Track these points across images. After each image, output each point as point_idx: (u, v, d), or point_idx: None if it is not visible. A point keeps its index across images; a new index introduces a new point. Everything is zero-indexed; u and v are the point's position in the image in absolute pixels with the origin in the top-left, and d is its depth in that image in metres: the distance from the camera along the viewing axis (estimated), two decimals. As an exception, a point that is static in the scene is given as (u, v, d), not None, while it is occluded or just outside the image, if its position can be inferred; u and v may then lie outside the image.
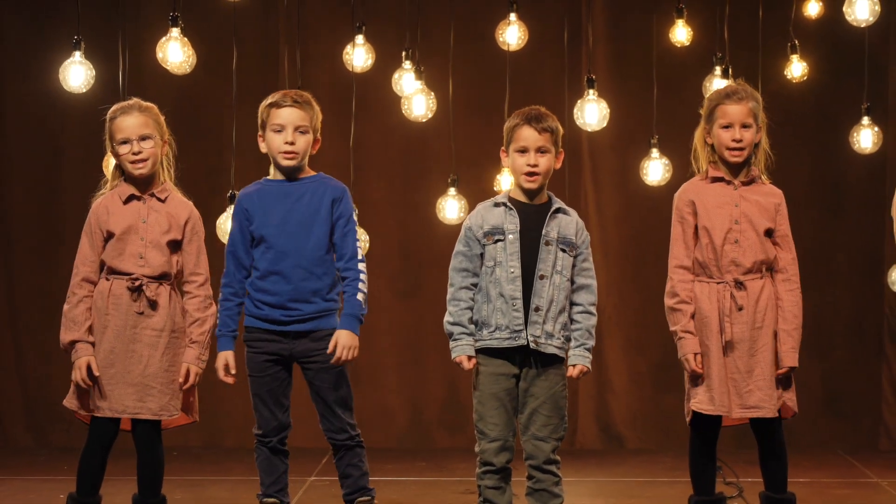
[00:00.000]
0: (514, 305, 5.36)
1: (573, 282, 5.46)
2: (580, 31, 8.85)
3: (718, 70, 7.83)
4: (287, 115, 5.54)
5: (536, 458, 5.42)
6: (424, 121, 7.88)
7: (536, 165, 5.43)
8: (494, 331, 5.39)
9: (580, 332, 5.44)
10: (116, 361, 5.39)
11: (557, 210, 5.47)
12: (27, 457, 8.53)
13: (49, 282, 8.77)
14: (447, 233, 7.62)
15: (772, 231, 5.49)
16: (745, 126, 5.48)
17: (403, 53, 8.02)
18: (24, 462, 8.32)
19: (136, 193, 5.50)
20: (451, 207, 7.85)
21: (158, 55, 7.25)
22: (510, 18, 7.77)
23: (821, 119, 8.91)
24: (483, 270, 5.44)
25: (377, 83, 8.28)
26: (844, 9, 7.63)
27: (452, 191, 7.86)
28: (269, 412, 5.56)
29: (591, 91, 7.70)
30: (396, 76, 8.04)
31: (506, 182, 7.52)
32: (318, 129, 5.63)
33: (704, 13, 8.48)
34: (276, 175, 5.64)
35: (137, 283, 5.41)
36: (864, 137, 8.01)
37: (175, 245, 5.52)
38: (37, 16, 8.96)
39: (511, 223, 5.41)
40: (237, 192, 7.48)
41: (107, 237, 5.46)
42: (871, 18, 7.60)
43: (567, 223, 5.47)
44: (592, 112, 7.69)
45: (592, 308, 5.48)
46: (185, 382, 5.46)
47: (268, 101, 5.60)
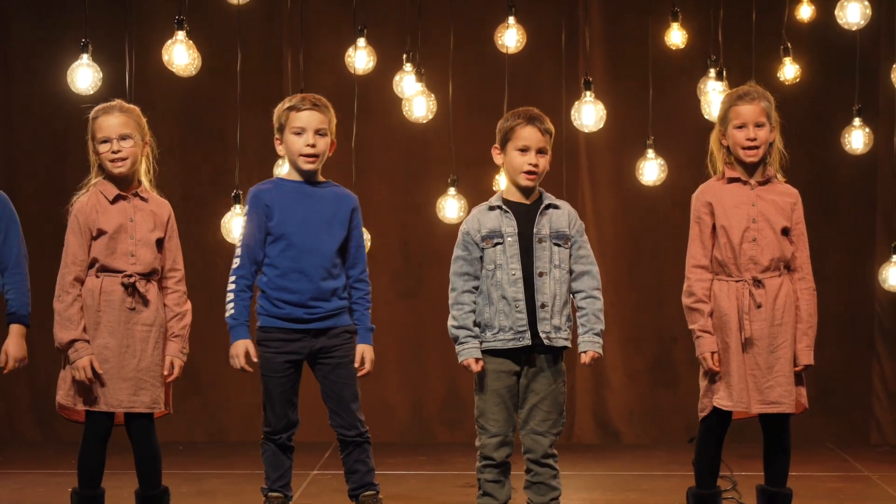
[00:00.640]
0: (518, 307, 5.36)
1: (572, 271, 5.46)
2: (577, 35, 8.85)
3: (713, 72, 7.82)
4: (307, 118, 5.52)
5: (535, 453, 5.43)
6: (425, 122, 7.88)
7: (537, 165, 5.44)
8: (498, 332, 5.39)
9: (587, 318, 5.42)
10: (111, 357, 5.39)
11: (547, 206, 5.47)
12: (35, 451, 8.53)
13: (54, 279, 8.74)
14: (447, 232, 7.61)
15: (788, 229, 5.50)
16: (759, 125, 5.47)
17: (404, 56, 8.01)
18: (33, 456, 8.32)
19: (122, 193, 5.50)
20: (452, 207, 7.85)
21: (164, 58, 7.25)
22: (509, 22, 7.76)
23: (813, 120, 8.90)
24: (483, 273, 5.44)
25: (378, 85, 8.28)
26: (836, 12, 7.62)
27: (452, 191, 7.86)
28: (282, 411, 5.55)
29: (588, 93, 7.70)
30: (397, 78, 8.03)
31: (504, 182, 7.51)
32: (334, 132, 5.63)
33: (699, 16, 8.47)
34: (292, 176, 5.62)
35: (131, 281, 5.41)
36: (856, 138, 8.00)
37: (160, 243, 5.52)
38: (45, 19, 8.95)
39: (509, 226, 5.41)
40: (242, 192, 7.55)
41: (95, 236, 5.45)
42: (862, 22, 7.59)
43: (558, 216, 5.46)
44: (589, 113, 7.69)
45: (596, 292, 5.46)
46: (170, 375, 5.47)
47: (286, 105, 5.57)
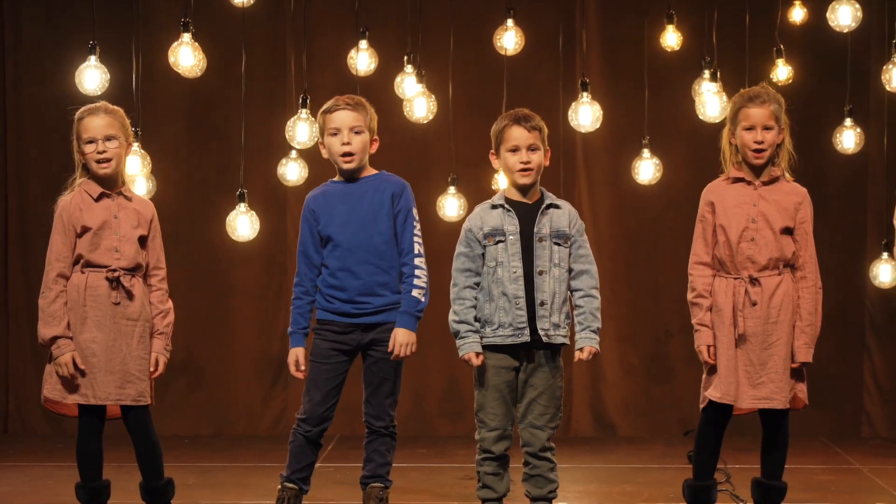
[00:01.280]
0: (518, 304, 5.37)
1: (571, 269, 5.47)
2: (575, 37, 8.84)
3: (707, 73, 7.84)
4: (341, 118, 5.58)
5: (533, 446, 5.44)
6: (425, 122, 7.88)
7: (529, 162, 5.45)
8: (497, 328, 5.40)
9: (584, 316, 5.44)
10: (98, 351, 5.42)
11: (548, 206, 5.48)
12: (44, 444, 8.52)
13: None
14: (447, 230, 7.62)
15: (791, 229, 5.49)
16: (767, 128, 5.48)
17: (405, 57, 8.01)
18: (42, 449, 8.32)
19: (107, 192, 5.51)
20: (452, 205, 7.86)
21: (171, 59, 7.26)
22: (508, 24, 7.76)
23: (805, 120, 8.85)
24: (485, 270, 5.45)
25: (380, 86, 8.27)
26: (828, 15, 7.63)
27: (452, 189, 7.87)
28: (320, 399, 5.58)
29: (585, 94, 7.70)
30: (399, 79, 8.04)
31: (503, 181, 7.51)
32: (375, 130, 5.66)
33: (694, 19, 8.47)
34: (339, 177, 5.68)
35: (115, 275, 5.43)
36: (847, 138, 8.01)
37: (143, 240, 5.53)
38: (53, 22, 8.95)
39: (511, 224, 5.42)
40: (246, 191, 7.57)
41: (80, 233, 5.47)
42: (854, 24, 7.60)
43: (559, 216, 5.47)
44: (586, 114, 7.69)
45: (594, 291, 5.48)
46: (155, 370, 5.49)
47: (322, 109, 5.66)
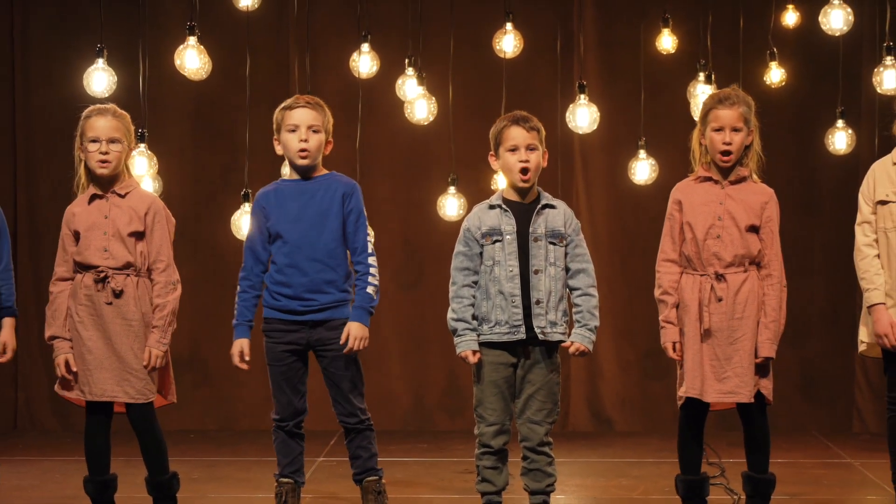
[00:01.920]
0: (514, 302, 5.37)
1: (568, 269, 5.47)
2: (572, 40, 8.85)
3: (702, 76, 7.83)
4: (300, 116, 5.57)
5: (531, 441, 5.45)
6: (426, 124, 7.89)
7: (528, 161, 5.45)
8: (494, 326, 5.40)
9: (582, 314, 5.44)
10: (94, 349, 5.42)
11: (545, 206, 5.48)
12: (53, 439, 8.53)
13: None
14: (447, 229, 7.63)
15: (756, 228, 5.48)
16: (736, 130, 5.47)
17: (406, 60, 8.01)
18: (50, 444, 8.32)
19: (99, 193, 5.51)
20: (451, 205, 7.86)
21: (177, 62, 7.26)
22: (506, 28, 7.76)
23: (798, 122, 8.91)
24: (482, 269, 5.45)
25: (382, 88, 8.28)
26: (820, 18, 7.63)
27: (452, 189, 7.86)
28: (287, 399, 5.58)
29: (583, 96, 7.71)
30: (400, 82, 8.04)
31: (503, 182, 7.51)
32: (330, 132, 5.65)
33: (689, 23, 8.47)
34: (292, 175, 5.66)
35: (102, 275, 5.43)
36: (839, 139, 8.02)
37: (140, 236, 5.49)
38: (62, 25, 8.95)
39: (508, 224, 5.42)
40: (251, 191, 7.55)
41: (76, 236, 5.49)
42: (845, 28, 7.60)
43: (554, 216, 5.47)
44: (584, 115, 7.69)
45: (591, 290, 5.47)
46: (148, 364, 5.44)
47: (281, 105, 5.64)
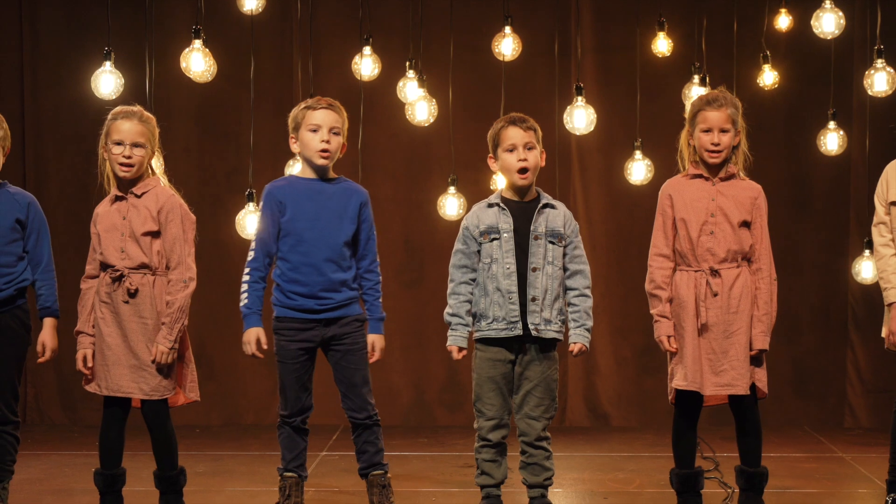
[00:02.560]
0: (511, 298, 5.38)
1: (566, 269, 5.48)
2: (570, 43, 8.84)
3: (697, 78, 7.86)
4: (323, 117, 5.55)
5: (529, 436, 5.45)
6: (426, 125, 7.89)
7: (526, 160, 5.46)
8: (492, 322, 5.41)
9: (578, 314, 5.46)
10: (113, 345, 5.43)
11: (545, 205, 5.49)
12: (62, 434, 8.53)
13: (81, 272, 8.71)
14: (447, 228, 7.63)
15: (748, 223, 5.49)
16: (724, 130, 5.49)
17: (407, 63, 8.02)
18: (59, 438, 8.33)
19: (120, 194, 5.51)
20: (451, 205, 7.86)
21: (182, 64, 7.26)
22: (505, 31, 7.77)
23: (791, 123, 8.91)
24: (480, 267, 5.46)
25: (383, 91, 8.28)
26: (812, 22, 7.64)
27: (452, 189, 7.87)
28: (296, 396, 5.58)
29: (580, 98, 7.72)
30: (401, 84, 8.04)
31: (502, 182, 7.52)
32: (346, 135, 5.64)
33: (684, 26, 8.47)
34: (306, 173, 5.62)
35: (118, 274, 5.42)
36: (831, 140, 8.02)
37: (156, 235, 5.47)
38: (70, 29, 8.95)
39: (505, 222, 5.43)
40: (255, 191, 7.55)
41: (99, 236, 5.51)
42: (837, 31, 7.61)
43: (554, 216, 5.48)
44: (581, 117, 7.70)
45: (587, 291, 5.50)
46: (154, 359, 5.40)
47: (303, 105, 5.60)
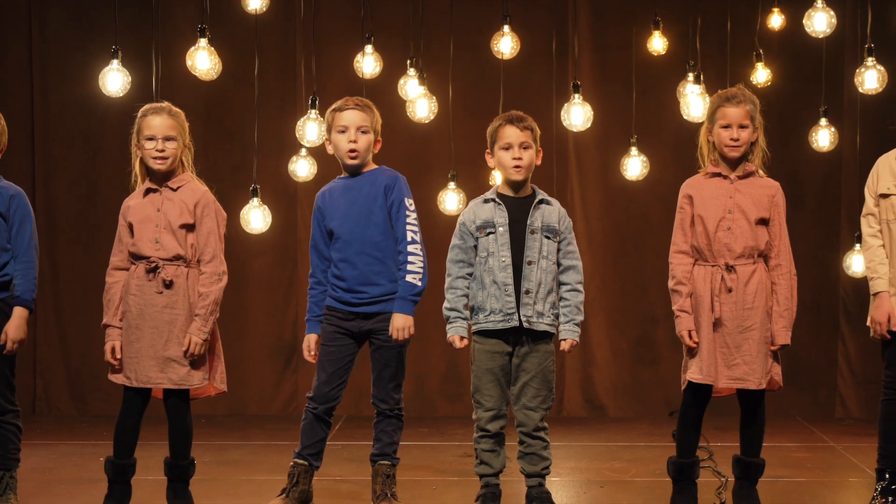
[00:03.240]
0: (507, 291, 5.38)
1: (560, 264, 5.48)
2: (567, 42, 8.84)
3: (691, 76, 7.83)
4: (350, 117, 5.56)
5: (527, 426, 5.45)
6: (427, 122, 7.89)
7: (521, 159, 5.45)
8: (489, 314, 5.41)
9: (569, 309, 5.46)
10: (141, 337, 5.39)
11: (540, 201, 5.49)
12: (70, 424, 8.54)
13: (88, 267, 8.78)
14: (448, 223, 7.60)
15: (766, 220, 5.49)
16: (742, 126, 5.48)
17: (408, 61, 8.02)
18: (68, 428, 8.33)
19: (154, 187, 5.48)
20: (451, 200, 7.86)
21: (188, 63, 7.27)
22: (504, 30, 7.76)
23: (783, 120, 8.89)
24: (477, 261, 5.46)
25: (384, 88, 8.27)
26: (804, 21, 7.64)
27: (452, 185, 7.87)
28: (325, 381, 5.58)
29: (577, 95, 7.71)
30: (402, 82, 8.04)
31: (499, 177, 7.52)
32: (379, 132, 5.64)
33: (679, 25, 8.47)
34: (343, 173, 5.66)
35: (153, 265, 5.40)
36: (822, 137, 8.01)
37: (190, 228, 5.45)
38: (78, 28, 8.94)
39: (500, 217, 5.43)
40: (258, 187, 7.57)
41: (130, 227, 5.46)
42: (828, 30, 7.61)
43: (550, 212, 5.48)
44: (578, 114, 7.70)
45: (579, 286, 5.50)
46: (187, 350, 5.39)
47: (332, 107, 5.63)
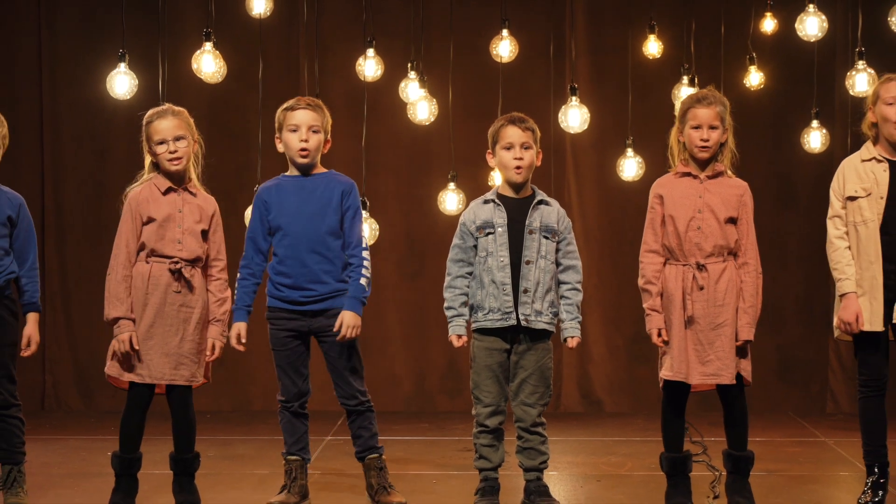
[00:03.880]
0: (505, 290, 5.38)
1: (559, 264, 5.49)
2: (564, 46, 8.84)
3: (686, 79, 7.86)
4: (301, 116, 5.55)
5: (525, 421, 5.46)
6: (427, 124, 7.90)
7: (522, 159, 5.46)
8: (488, 313, 5.42)
9: (570, 307, 5.48)
10: (155, 335, 5.38)
11: (539, 202, 5.49)
12: (78, 419, 8.54)
13: (96, 265, 8.74)
14: (447, 222, 7.63)
15: (735, 219, 5.48)
16: (713, 127, 5.47)
17: (409, 65, 8.02)
18: (76, 424, 8.34)
19: (173, 186, 5.47)
20: (451, 200, 7.86)
21: (194, 66, 7.27)
22: (503, 34, 7.77)
23: (775, 122, 8.90)
24: (477, 260, 5.47)
25: (386, 91, 8.28)
26: (796, 25, 7.66)
27: (452, 185, 7.87)
28: (290, 381, 5.59)
29: (574, 98, 7.72)
30: (403, 85, 8.04)
31: (499, 178, 7.53)
32: (329, 132, 5.63)
33: (673, 29, 8.47)
34: (292, 171, 5.65)
35: (178, 267, 5.39)
36: (814, 138, 8.02)
37: (205, 234, 5.49)
38: (87, 32, 8.94)
39: (500, 217, 5.43)
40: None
41: (145, 222, 5.42)
42: (820, 34, 7.63)
43: (548, 213, 5.49)
44: (575, 116, 7.70)
45: (579, 285, 5.51)
46: (212, 354, 5.45)
47: (283, 106, 5.62)
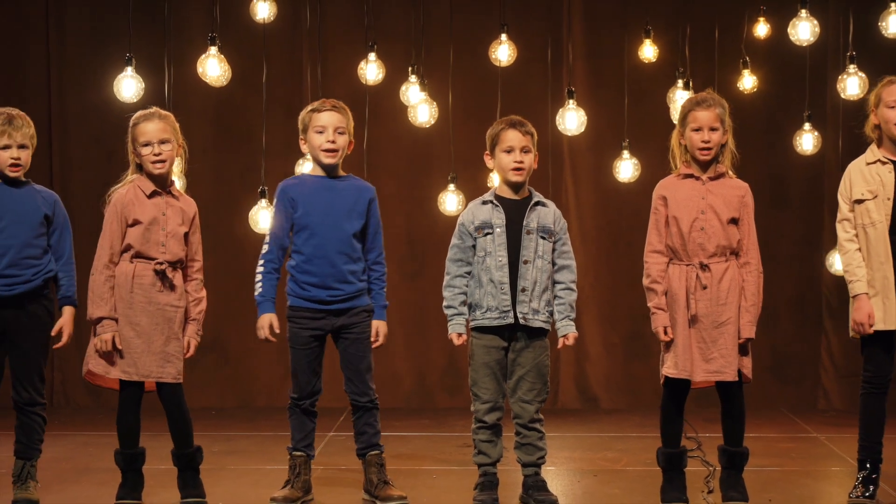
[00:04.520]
0: (503, 289, 5.39)
1: (555, 263, 5.50)
2: (562, 50, 8.84)
3: (681, 83, 7.86)
4: (328, 118, 5.55)
5: (522, 418, 5.46)
6: (428, 126, 7.90)
7: (522, 162, 5.46)
8: (486, 311, 5.43)
9: (564, 306, 5.49)
10: (142, 334, 5.41)
11: (537, 203, 5.50)
12: (87, 415, 8.53)
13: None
14: (447, 223, 7.61)
15: (737, 220, 5.48)
16: (713, 129, 5.47)
17: (410, 68, 8.02)
18: (84, 420, 8.33)
19: (157, 189, 5.48)
20: (451, 201, 7.87)
21: (199, 70, 7.27)
22: (502, 38, 7.78)
23: (768, 125, 8.91)
24: (475, 260, 5.48)
25: (387, 94, 8.28)
26: (789, 30, 7.66)
27: (452, 187, 7.88)
28: (306, 379, 5.60)
29: (571, 101, 7.73)
30: (404, 88, 8.04)
31: (497, 179, 7.53)
32: (352, 133, 5.64)
33: (669, 34, 8.48)
34: (316, 171, 5.64)
35: (162, 268, 5.41)
36: (806, 141, 8.03)
37: (185, 236, 5.49)
38: (94, 36, 8.94)
39: (498, 218, 5.44)
40: (267, 188, 7.56)
41: (130, 224, 5.43)
42: (812, 38, 7.63)
43: (545, 214, 5.49)
44: (572, 119, 7.71)
45: (573, 285, 5.52)
46: (187, 353, 5.48)
47: (309, 108, 5.61)
